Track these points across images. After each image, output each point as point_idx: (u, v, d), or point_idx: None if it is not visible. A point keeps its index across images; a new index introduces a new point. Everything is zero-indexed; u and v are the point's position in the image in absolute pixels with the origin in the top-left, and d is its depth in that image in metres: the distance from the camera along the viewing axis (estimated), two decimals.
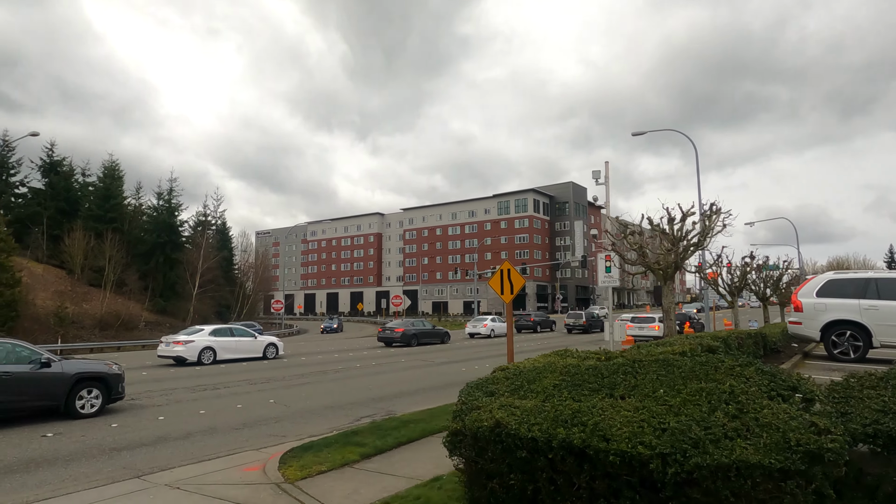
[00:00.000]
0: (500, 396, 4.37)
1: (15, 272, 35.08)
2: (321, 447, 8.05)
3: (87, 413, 11.11)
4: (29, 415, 10.76)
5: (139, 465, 7.78)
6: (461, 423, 3.97)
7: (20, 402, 10.40)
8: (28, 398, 10.49)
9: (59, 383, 10.81)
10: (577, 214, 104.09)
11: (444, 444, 4.32)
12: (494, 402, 4.01)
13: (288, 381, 16.99)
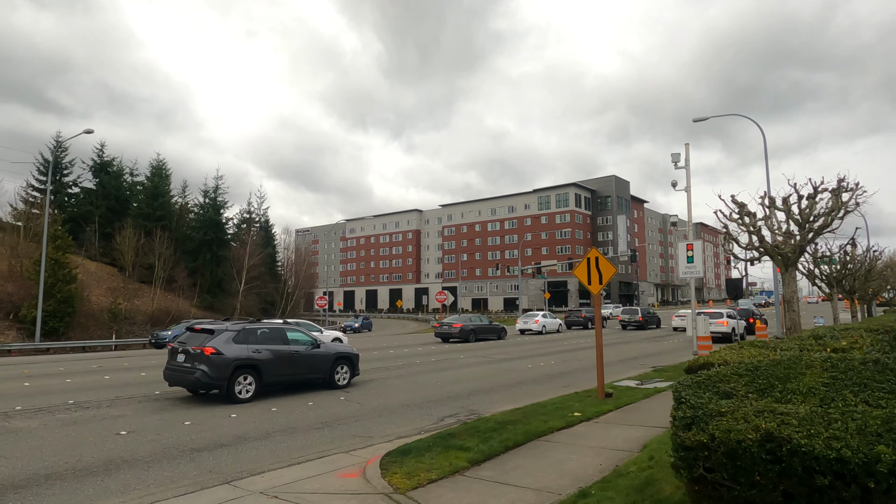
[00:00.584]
0: (742, 398, 3.39)
1: (71, 269, 35.64)
2: (421, 451, 7.24)
3: (341, 384, 14.05)
4: (301, 384, 13.60)
5: (244, 466, 7.09)
6: (703, 433, 2.97)
7: (303, 375, 13.58)
8: (308, 371, 13.61)
9: (326, 360, 13.95)
10: (620, 209, 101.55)
11: (673, 462, 3.30)
12: (744, 407, 3.03)
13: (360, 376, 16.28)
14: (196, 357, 11.67)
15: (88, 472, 6.87)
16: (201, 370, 11.52)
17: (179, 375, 12.01)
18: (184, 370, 11.87)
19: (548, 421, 9.01)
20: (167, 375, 12.37)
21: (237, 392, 11.82)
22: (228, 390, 11.70)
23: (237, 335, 12.35)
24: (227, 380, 11.59)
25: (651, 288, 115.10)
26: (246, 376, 12.01)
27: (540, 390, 13.74)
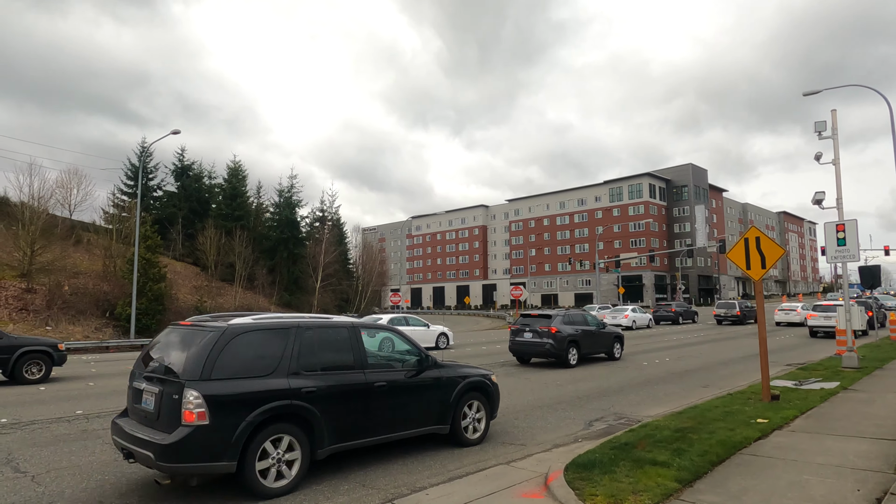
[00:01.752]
0: None
1: (161, 268, 36.57)
2: (606, 465, 6.00)
3: (616, 357, 18.33)
4: None
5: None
6: None
7: (598, 349, 17.79)
8: (600, 348, 17.92)
9: (611, 338, 18.33)
10: (698, 198, 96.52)
11: None
12: None
13: None
14: (544, 334, 16.35)
15: None
16: (549, 343, 16.24)
17: (529, 348, 16.91)
18: (534, 343, 16.65)
19: (733, 429, 7.57)
20: (515, 349, 17.54)
21: (569, 359, 16.38)
22: (563, 358, 16.21)
23: (564, 318, 17.03)
24: (565, 350, 15.21)
25: (732, 281, 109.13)
26: (572, 349, 16.35)
27: (677, 391, 12.25)
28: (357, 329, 6.87)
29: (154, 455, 5.10)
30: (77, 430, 8.71)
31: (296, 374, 5.92)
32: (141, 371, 6.01)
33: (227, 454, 5.24)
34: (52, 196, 38.07)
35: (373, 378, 6.61)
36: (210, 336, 5.62)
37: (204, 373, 5.33)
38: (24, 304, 30.90)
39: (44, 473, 6.41)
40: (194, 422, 5.13)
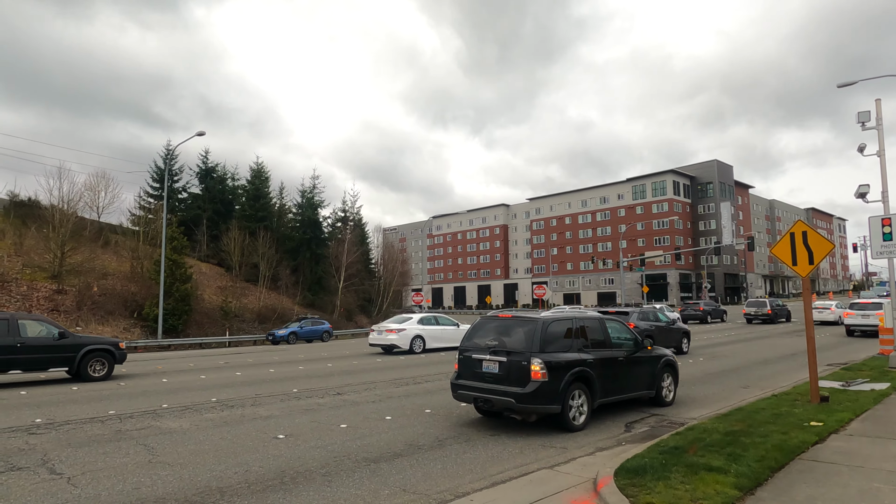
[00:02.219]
0: None
1: (187, 269, 36.94)
2: (658, 471, 5.70)
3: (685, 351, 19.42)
4: None
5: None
6: None
7: (668, 344, 18.00)
8: (671, 342, 18.59)
9: (679, 333, 19.25)
10: (724, 195, 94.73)
11: None
12: None
13: None
14: None
15: (264, 486, 5.87)
16: None
17: None
18: None
19: (786, 432, 7.21)
20: None
21: None
22: None
23: (639, 315, 18.60)
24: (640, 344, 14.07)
25: (759, 279, 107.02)
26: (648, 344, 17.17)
27: (716, 391, 11.86)
28: (604, 320, 9.62)
29: (514, 400, 8.02)
30: (111, 430, 8.66)
31: (580, 349, 8.76)
32: (475, 348, 8.85)
33: (555, 401, 8.06)
34: (81, 199, 38.73)
35: (616, 353, 9.37)
36: (536, 324, 8.43)
37: (540, 348, 8.17)
38: (55, 305, 31.41)
39: (79, 475, 6.33)
40: (539, 379, 7.96)
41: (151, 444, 7.73)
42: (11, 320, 14.59)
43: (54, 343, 14.68)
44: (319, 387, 13.16)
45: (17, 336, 14.28)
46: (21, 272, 33.20)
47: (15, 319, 14.71)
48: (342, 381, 14.08)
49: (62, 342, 14.79)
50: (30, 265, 34.10)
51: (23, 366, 14.34)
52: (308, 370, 17.10)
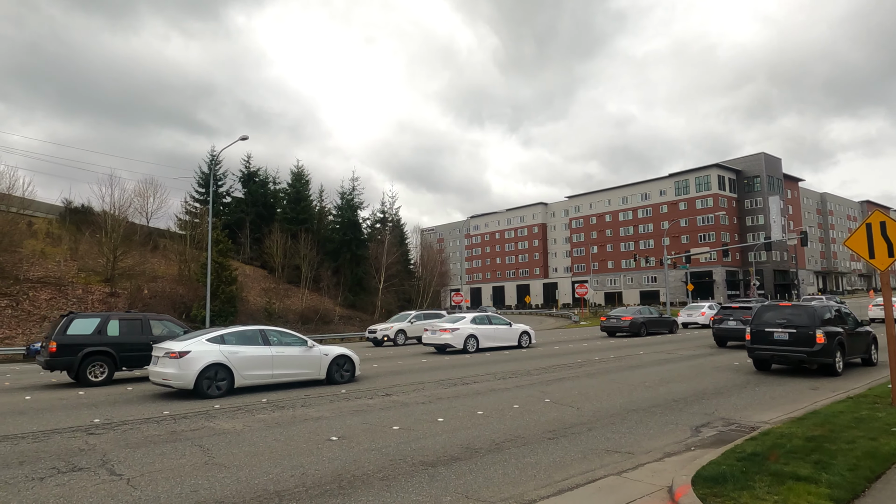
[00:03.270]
0: None
1: (232, 271, 37.69)
2: (740, 480, 5.30)
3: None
4: None
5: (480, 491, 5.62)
6: None
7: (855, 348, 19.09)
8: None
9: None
10: (772, 189, 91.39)
11: None
12: None
13: (542, 374, 14.65)
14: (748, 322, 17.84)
15: (322, 490, 5.71)
16: None
17: (733, 333, 20.17)
18: (738, 329, 19.55)
19: (875, 438, 6.69)
20: (719, 334, 20.96)
21: None
22: None
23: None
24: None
25: (811, 276, 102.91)
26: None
27: (784, 393, 11.24)
28: (842, 308, 14.43)
29: (806, 356, 12.96)
30: (166, 431, 8.70)
31: (836, 324, 13.68)
32: (765, 324, 13.90)
33: (830, 356, 12.97)
34: (131, 205, 39.96)
35: (850, 328, 14.27)
36: (814, 309, 13.54)
37: (820, 323, 13.09)
38: (108, 307, 32.41)
39: (138, 476, 6.31)
40: (821, 343, 12.74)
41: (206, 445, 7.71)
42: (144, 320, 15.73)
43: None
44: (366, 388, 13.05)
45: (149, 335, 15.32)
46: (76, 276, 34.41)
47: (147, 319, 15.84)
48: (389, 382, 13.94)
49: None
50: (85, 269, 35.33)
51: None
52: None
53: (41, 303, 30.37)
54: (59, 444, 7.89)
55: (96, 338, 14.84)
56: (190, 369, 11.56)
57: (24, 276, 31.83)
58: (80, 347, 14.49)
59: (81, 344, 14.55)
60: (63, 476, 6.35)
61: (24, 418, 9.91)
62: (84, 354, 14.51)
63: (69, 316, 15.26)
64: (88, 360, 14.60)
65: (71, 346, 14.43)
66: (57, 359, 14.33)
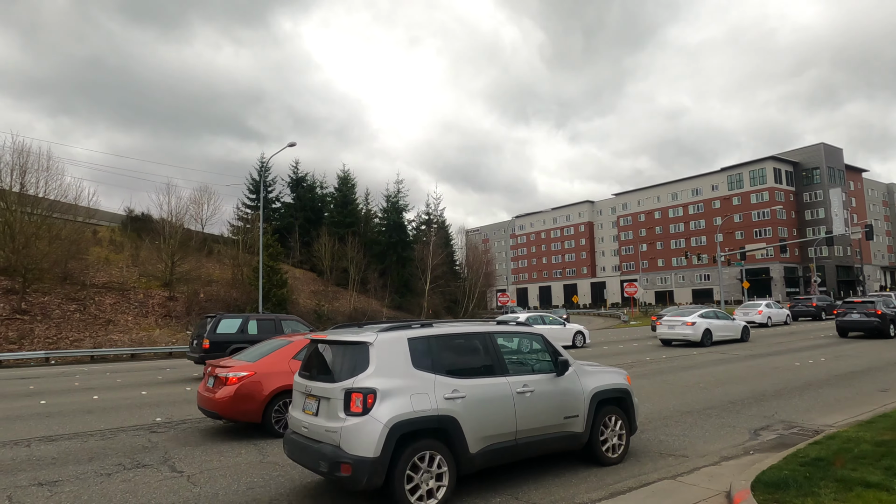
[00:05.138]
0: None
1: (283, 275, 38.70)
2: (803, 486, 5.07)
3: None
4: None
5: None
6: None
7: None
8: None
9: None
10: (833, 181, 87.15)
11: None
12: None
13: None
14: (871, 315, 21.88)
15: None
16: (876, 321, 21.72)
17: (856, 325, 22.32)
18: (862, 321, 22.06)
19: None
20: (842, 326, 22.69)
21: (890, 332, 21.72)
22: (885, 332, 21.65)
23: (884, 302, 22.67)
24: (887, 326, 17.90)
25: (877, 272, 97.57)
26: (892, 325, 21.71)
27: (849, 395, 10.68)
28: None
29: None
30: (223, 430, 9.00)
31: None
32: None
33: None
34: (187, 212, 41.51)
35: None
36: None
37: None
38: (167, 311, 33.79)
39: (197, 474, 6.55)
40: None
41: (261, 444, 7.93)
42: (276, 320, 17.04)
43: None
44: None
45: (281, 333, 16.29)
46: (138, 281, 36.03)
47: (279, 320, 17.10)
48: None
49: None
50: (145, 274, 36.96)
51: None
52: None
53: (106, 307, 31.94)
54: (125, 442, 8.27)
55: (240, 336, 16.21)
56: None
57: (91, 281, 33.56)
58: (227, 345, 15.79)
59: (228, 342, 15.90)
60: (128, 472, 6.65)
61: (92, 417, 10.44)
62: (231, 350, 15.67)
63: (217, 317, 16.69)
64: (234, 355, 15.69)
65: (220, 344, 15.81)
66: (210, 354, 15.65)
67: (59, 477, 6.52)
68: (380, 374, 5.05)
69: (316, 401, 5.34)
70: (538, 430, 5.83)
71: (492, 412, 5.47)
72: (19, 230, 29.13)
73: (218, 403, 8.22)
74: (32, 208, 30.35)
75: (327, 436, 5.02)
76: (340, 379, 5.18)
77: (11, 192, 29.52)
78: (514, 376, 5.86)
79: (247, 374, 8.41)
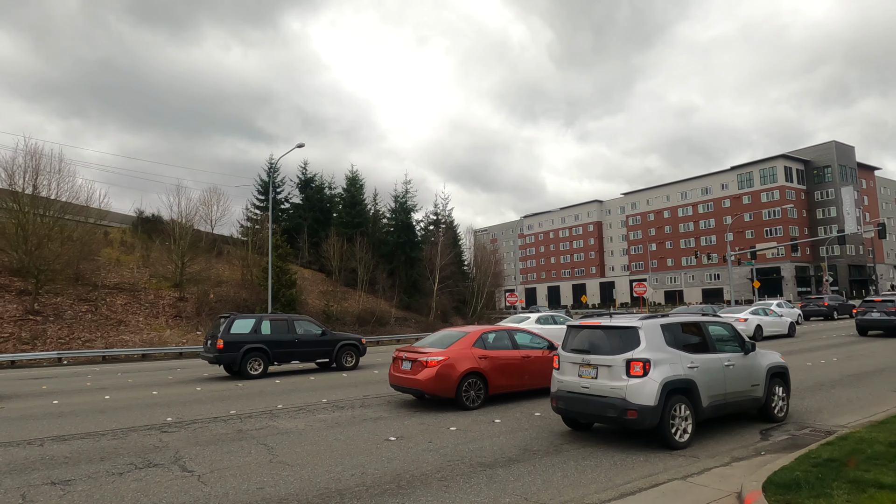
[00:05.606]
0: None
1: (292, 275, 38.83)
2: (815, 486, 5.03)
3: None
4: None
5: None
6: None
7: None
8: None
9: None
10: (844, 179, 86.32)
11: None
12: None
13: None
14: (892, 313, 22.28)
15: (382, 490, 5.79)
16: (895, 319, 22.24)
17: (877, 323, 22.51)
18: (882, 320, 22.41)
19: None
20: (863, 325, 23.12)
21: None
22: None
23: None
24: None
25: (890, 271, 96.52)
26: None
27: (862, 395, 10.60)
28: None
29: None
30: (233, 430, 9.05)
31: None
32: None
33: None
34: (196, 213, 41.74)
35: None
36: None
37: None
38: (178, 312, 34.02)
39: (208, 473, 6.58)
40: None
41: (271, 443, 7.96)
42: (289, 321, 17.34)
43: (318, 339, 17.48)
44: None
45: (294, 333, 16.94)
46: (148, 282, 36.29)
47: (292, 320, 17.44)
48: None
49: (324, 338, 17.58)
50: (156, 275, 37.21)
51: (299, 357, 17.16)
52: None
53: (117, 308, 32.19)
54: (136, 442, 8.34)
55: (253, 336, 16.40)
56: None
57: (102, 282, 33.83)
58: (241, 345, 16.05)
59: (242, 342, 16.11)
60: (140, 472, 6.70)
61: (103, 416, 10.53)
62: (245, 351, 16.04)
63: (231, 317, 16.80)
64: (248, 355, 16.09)
65: (234, 344, 15.99)
66: (224, 354, 15.90)
67: (72, 476, 6.58)
68: (649, 349, 7.11)
69: (594, 368, 7.40)
70: (737, 393, 7.87)
71: (713, 378, 7.52)
72: (32, 232, 29.40)
73: (422, 383, 10.11)
74: (45, 210, 30.61)
75: (613, 392, 7.06)
76: (620, 352, 7.21)
77: (24, 194, 29.79)
78: (720, 353, 7.90)
79: (443, 359, 10.18)
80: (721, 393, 7.59)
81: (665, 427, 6.96)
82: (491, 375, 10.53)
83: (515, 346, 11.29)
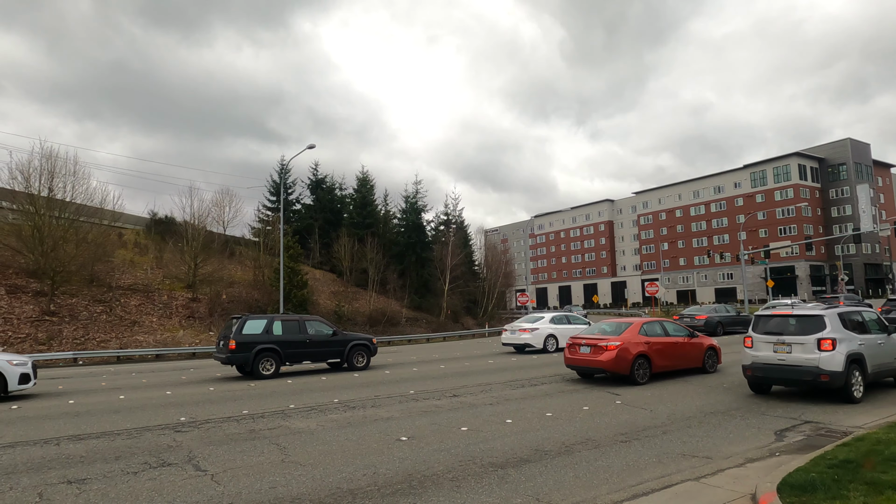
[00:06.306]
0: None
1: (303, 276, 39.02)
2: (831, 488, 4.97)
3: None
4: None
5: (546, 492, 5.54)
6: None
7: None
8: None
9: None
10: (860, 177, 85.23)
11: None
12: None
13: None
14: None
15: (393, 490, 5.81)
16: None
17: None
18: None
19: None
20: None
21: None
22: None
23: None
24: None
25: None
26: None
27: (876, 395, 10.53)
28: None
29: None
30: (245, 429, 9.11)
31: None
32: None
33: None
34: (209, 214, 42.04)
35: None
36: None
37: None
38: (190, 312, 34.29)
39: (221, 472, 6.63)
40: None
41: (283, 443, 8.01)
42: (300, 321, 17.42)
43: (330, 339, 17.61)
44: (435, 388, 13.18)
45: (306, 334, 17.03)
46: (162, 283, 36.62)
47: (303, 321, 17.51)
48: (457, 383, 14.02)
49: (335, 338, 17.70)
50: (169, 276, 37.55)
51: (311, 358, 17.28)
52: (422, 372, 17.27)
53: (131, 308, 32.52)
54: (150, 441, 8.42)
55: (265, 336, 16.46)
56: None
57: (116, 283, 34.20)
58: (253, 345, 16.13)
59: (254, 342, 16.19)
60: (154, 471, 6.77)
61: (118, 416, 10.64)
62: (257, 351, 16.13)
63: (243, 318, 16.86)
64: (260, 356, 16.18)
65: (246, 344, 16.08)
66: (235, 354, 15.99)
67: (88, 475, 6.65)
68: (833, 331, 9.70)
69: (788, 346, 10.02)
70: (885, 364, 10.45)
71: (873, 352, 10.07)
72: (48, 234, 29.78)
73: (604, 363, 12.56)
74: (60, 212, 31.00)
75: (807, 362, 9.67)
76: (811, 333, 9.84)
77: (40, 196, 30.18)
78: (873, 334, 10.39)
79: (619, 344, 12.57)
80: (878, 364, 10.09)
81: (848, 387, 9.50)
82: (653, 357, 12.96)
83: (667, 333, 13.74)
